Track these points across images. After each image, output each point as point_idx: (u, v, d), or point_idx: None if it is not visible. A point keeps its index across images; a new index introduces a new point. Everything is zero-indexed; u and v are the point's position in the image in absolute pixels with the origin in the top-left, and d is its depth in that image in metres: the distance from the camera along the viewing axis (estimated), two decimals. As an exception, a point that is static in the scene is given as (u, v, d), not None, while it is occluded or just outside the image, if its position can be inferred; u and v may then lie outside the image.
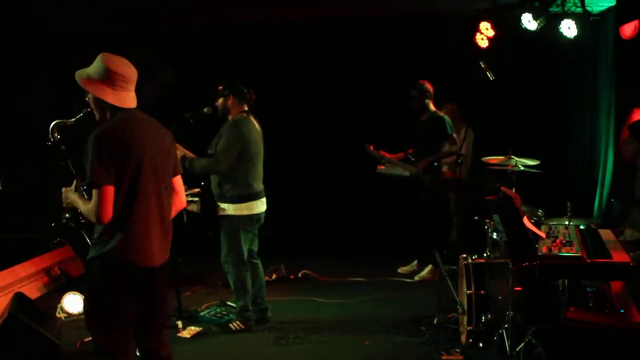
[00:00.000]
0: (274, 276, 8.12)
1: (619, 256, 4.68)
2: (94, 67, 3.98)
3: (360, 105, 10.15)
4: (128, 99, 4.01)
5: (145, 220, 3.94)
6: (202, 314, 6.68)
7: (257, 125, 6.38)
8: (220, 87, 6.33)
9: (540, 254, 4.64)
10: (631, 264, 4.54)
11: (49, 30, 8.88)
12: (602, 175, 8.71)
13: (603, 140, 8.82)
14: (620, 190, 7.91)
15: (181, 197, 4.30)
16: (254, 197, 6.27)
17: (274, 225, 7.12)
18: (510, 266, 5.16)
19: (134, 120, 3.98)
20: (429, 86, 7.91)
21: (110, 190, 3.78)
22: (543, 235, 5.14)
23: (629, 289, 4.91)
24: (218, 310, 6.75)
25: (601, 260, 4.60)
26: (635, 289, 4.84)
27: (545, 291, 5.21)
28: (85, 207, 3.93)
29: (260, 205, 6.34)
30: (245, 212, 6.23)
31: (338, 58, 10.16)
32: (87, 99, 4.07)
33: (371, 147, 8.13)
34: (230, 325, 6.35)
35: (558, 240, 4.89)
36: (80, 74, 4.00)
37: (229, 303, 6.80)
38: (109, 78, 3.94)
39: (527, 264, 4.64)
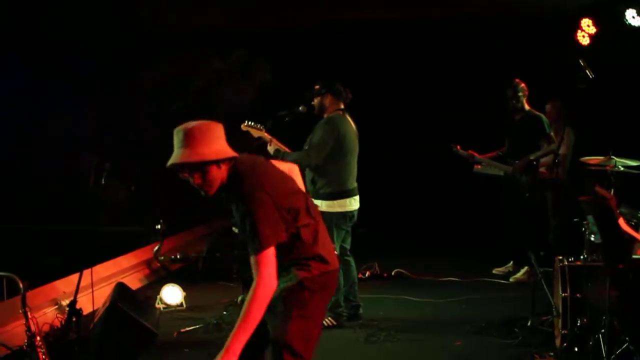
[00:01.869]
0: (367, 274, 8.17)
1: None
2: (196, 142, 3.48)
3: (456, 104, 10.07)
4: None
5: (322, 230, 3.86)
6: (294, 309, 6.75)
7: (352, 124, 6.41)
8: (318, 86, 6.38)
9: (635, 257, 4.51)
10: None
11: (151, 30, 9.15)
12: None
13: None
14: None
15: None
16: (347, 194, 6.29)
17: (368, 223, 7.14)
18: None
19: (255, 158, 3.75)
20: (524, 85, 7.78)
21: (273, 250, 3.48)
22: (640, 238, 4.98)
23: None
24: (310, 306, 6.81)
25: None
26: None
27: (640, 295, 5.05)
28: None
29: (354, 203, 6.35)
30: (338, 209, 6.25)
31: (435, 57, 10.12)
32: (206, 172, 3.52)
33: (458, 147, 8.04)
34: (322, 321, 6.40)
35: (655, 244, 4.74)
36: (198, 156, 3.48)
37: (321, 299, 6.85)
38: (210, 132, 3.54)
39: (621, 266, 4.51)
